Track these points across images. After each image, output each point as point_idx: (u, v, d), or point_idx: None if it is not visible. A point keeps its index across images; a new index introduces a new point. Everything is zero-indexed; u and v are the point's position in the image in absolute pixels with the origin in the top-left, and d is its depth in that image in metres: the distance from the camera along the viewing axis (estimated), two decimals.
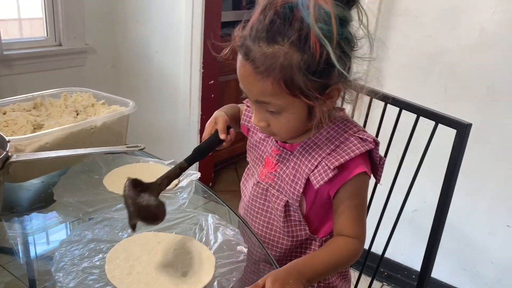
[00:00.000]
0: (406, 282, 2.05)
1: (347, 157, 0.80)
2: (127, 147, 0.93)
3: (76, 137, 1.07)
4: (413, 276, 2.03)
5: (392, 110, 1.11)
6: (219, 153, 2.79)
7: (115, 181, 1.04)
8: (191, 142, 2.55)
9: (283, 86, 0.73)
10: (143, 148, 0.91)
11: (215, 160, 2.88)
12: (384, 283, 2.09)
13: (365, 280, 1.99)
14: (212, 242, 0.85)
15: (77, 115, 1.18)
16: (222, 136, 0.92)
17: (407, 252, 2.02)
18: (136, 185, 0.77)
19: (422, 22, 1.74)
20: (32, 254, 0.94)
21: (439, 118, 1.00)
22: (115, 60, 2.71)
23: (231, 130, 0.94)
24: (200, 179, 1.07)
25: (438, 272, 1.92)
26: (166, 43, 2.48)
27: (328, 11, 0.69)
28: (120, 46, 2.67)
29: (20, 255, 0.93)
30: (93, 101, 1.26)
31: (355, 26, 0.76)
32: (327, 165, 0.81)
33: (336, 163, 0.80)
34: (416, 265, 2.03)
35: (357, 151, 0.81)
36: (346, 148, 0.82)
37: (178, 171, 0.84)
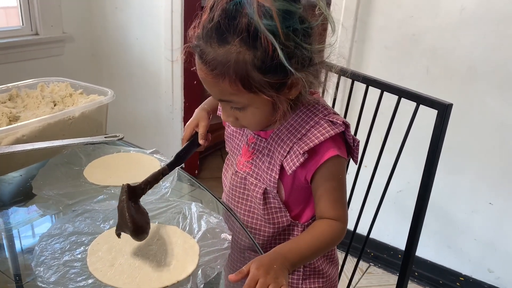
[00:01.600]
0: (392, 262, 2.07)
1: (316, 141, 0.80)
2: (105, 137, 0.91)
3: (54, 129, 1.05)
4: (399, 256, 2.06)
5: (375, 93, 1.11)
6: None
7: (96, 172, 1.02)
8: (175, 130, 2.53)
9: (240, 85, 0.72)
10: (122, 138, 0.89)
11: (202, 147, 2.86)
12: (370, 263, 2.11)
13: (351, 261, 2.02)
14: (195, 230, 0.85)
15: (54, 105, 1.16)
16: (201, 141, 0.96)
17: (392, 232, 2.05)
18: (131, 193, 0.77)
19: (403, 2, 1.73)
20: (15, 248, 0.92)
21: (420, 99, 1.00)
22: (94, 48, 2.66)
23: (209, 134, 0.98)
24: (185, 166, 1.06)
25: (423, 251, 1.96)
26: (146, 29, 2.43)
27: (269, 7, 0.67)
28: (99, 33, 2.61)
29: (3, 250, 0.91)
30: (71, 91, 1.23)
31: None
32: (297, 150, 0.81)
33: (306, 148, 0.80)
34: (402, 245, 2.04)
35: (326, 134, 0.80)
36: (316, 132, 0.81)
37: (160, 176, 0.84)
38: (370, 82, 1.10)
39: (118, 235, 0.76)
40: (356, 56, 1.89)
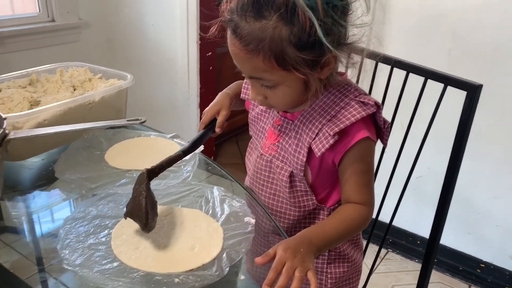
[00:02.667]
0: (411, 248, 2.06)
1: (347, 122, 0.78)
2: (127, 120, 0.90)
3: (74, 113, 1.04)
4: (418, 242, 2.04)
5: (397, 74, 1.08)
6: None
7: (117, 156, 1.02)
8: (191, 116, 2.52)
9: (274, 62, 0.71)
10: (144, 121, 0.89)
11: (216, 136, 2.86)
12: (389, 249, 2.10)
13: (371, 247, 2.00)
14: (219, 214, 0.84)
15: (74, 90, 1.15)
16: (217, 129, 0.96)
17: (411, 218, 2.02)
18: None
19: None
20: (38, 232, 0.93)
21: (448, 81, 0.97)
22: (110, 35, 2.65)
23: (225, 122, 0.97)
24: (201, 152, 1.05)
25: (443, 237, 1.92)
26: (161, 14, 2.42)
27: None
28: (114, 19, 2.60)
29: (26, 234, 0.92)
30: (90, 75, 1.22)
31: None
32: (327, 131, 0.79)
33: (336, 129, 0.78)
34: (421, 231, 2.03)
35: (357, 115, 0.78)
36: (346, 113, 0.79)
37: (175, 161, 0.84)
38: (394, 63, 1.07)
39: (125, 217, 0.76)
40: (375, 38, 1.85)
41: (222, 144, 3.04)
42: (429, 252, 1.07)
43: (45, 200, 0.99)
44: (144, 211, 0.73)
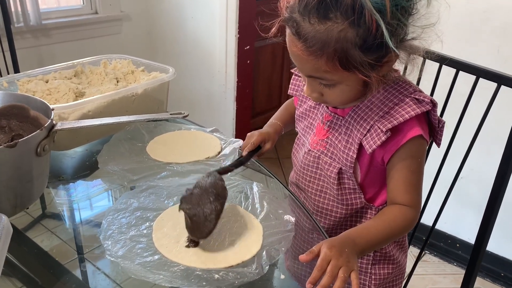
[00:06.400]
0: (449, 250, 1.99)
1: (401, 119, 0.76)
2: (170, 114, 0.91)
3: (117, 105, 1.06)
4: (457, 245, 1.97)
5: (444, 72, 1.04)
6: (255, 121, 2.76)
7: (158, 149, 1.03)
8: (228, 108, 2.53)
9: (337, 64, 0.69)
10: (187, 115, 0.89)
11: (252, 128, 2.85)
12: (426, 251, 2.04)
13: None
14: (258, 210, 0.83)
15: (117, 82, 1.17)
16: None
17: (451, 220, 1.96)
18: None
19: None
20: (79, 220, 0.96)
21: (501, 80, 0.92)
22: (150, 27, 2.69)
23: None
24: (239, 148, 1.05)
25: None
26: (201, 8, 2.43)
27: None
28: (155, 12, 2.64)
29: (68, 221, 0.94)
30: (133, 68, 1.24)
31: None
32: (379, 128, 0.77)
33: (389, 125, 0.76)
34: (461, 234, 1.97)
35: (412, 112, 0.76)
36: (400, 110, 0.77)
37: (228, 171, 0.86)
38: (443, 60, 1.03)
39: (180, 210, 0.75)
40: None
41: None
42: (475, 258, 1.03)
43: (87, 189, 1.02)
44: (210, 230, 0.73)
